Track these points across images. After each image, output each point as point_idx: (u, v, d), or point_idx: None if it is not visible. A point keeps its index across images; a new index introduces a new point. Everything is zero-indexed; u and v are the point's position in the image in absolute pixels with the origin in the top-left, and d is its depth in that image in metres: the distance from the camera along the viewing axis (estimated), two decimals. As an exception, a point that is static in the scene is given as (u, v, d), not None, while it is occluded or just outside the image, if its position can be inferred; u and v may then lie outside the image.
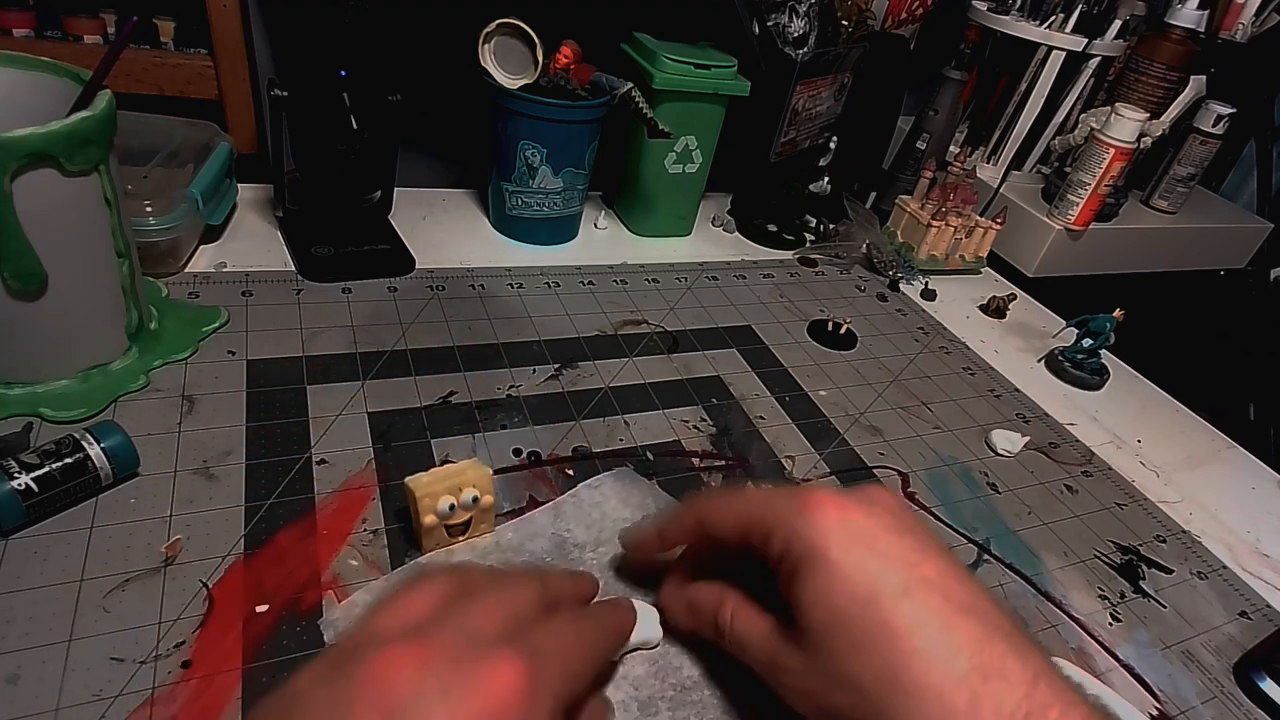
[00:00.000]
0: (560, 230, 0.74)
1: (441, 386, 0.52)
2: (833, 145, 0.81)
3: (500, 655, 0.26)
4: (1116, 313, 0.68)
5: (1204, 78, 0.90)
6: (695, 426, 0.53)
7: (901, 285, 0.79)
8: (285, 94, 0.58)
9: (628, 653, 0.36)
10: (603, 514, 0.44)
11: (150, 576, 0.36)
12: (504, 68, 0.65)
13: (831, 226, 0.83)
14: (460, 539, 0.41)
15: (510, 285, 0.65)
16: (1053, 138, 0.94)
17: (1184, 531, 0.55)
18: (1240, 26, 0.89)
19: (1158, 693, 0.42)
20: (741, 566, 0.35)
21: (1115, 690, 0.41)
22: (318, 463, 0.44)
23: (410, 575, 0.30)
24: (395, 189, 0.69)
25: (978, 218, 0.82)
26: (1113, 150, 0.82)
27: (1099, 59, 0.88)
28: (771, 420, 0.56)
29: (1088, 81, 0.90)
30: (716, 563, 0.37)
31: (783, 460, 0.52)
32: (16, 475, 0.36)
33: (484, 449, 0.48)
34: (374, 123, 0.61)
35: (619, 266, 0.72)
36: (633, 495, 0.46)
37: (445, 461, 0.45)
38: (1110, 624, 0.46)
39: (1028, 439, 0.58)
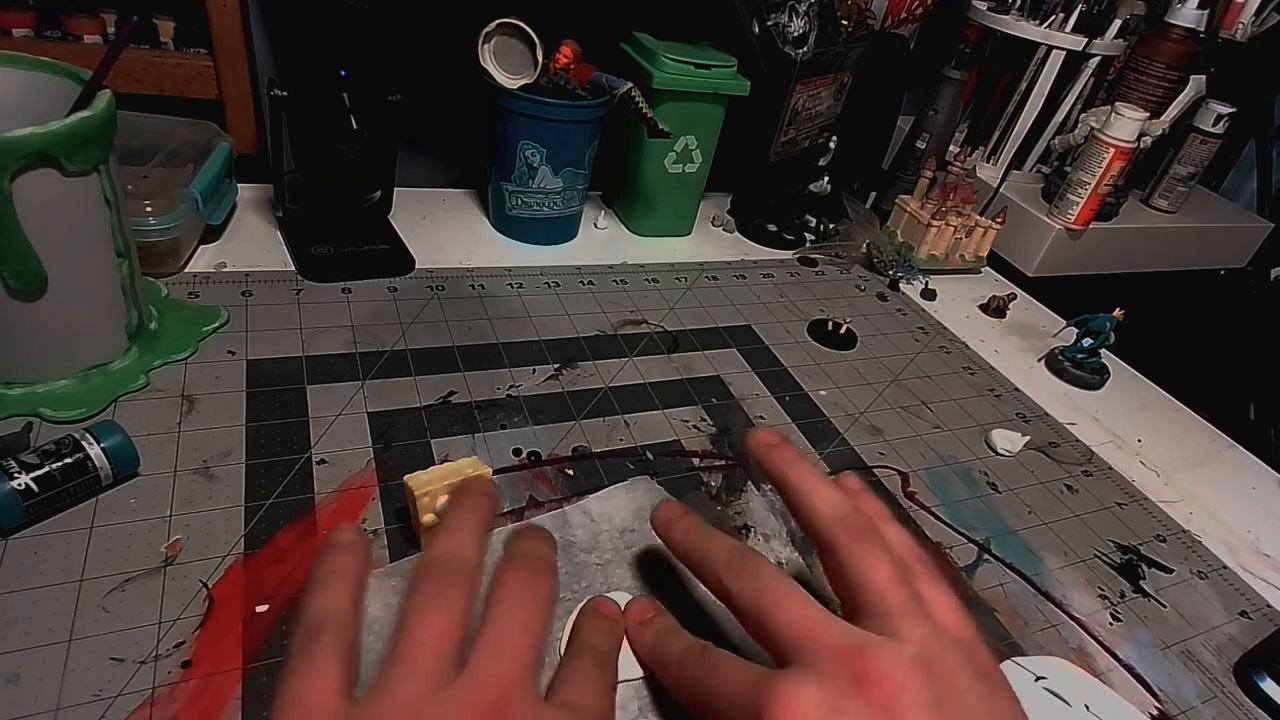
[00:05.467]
0: (560, 230, 0.74)
1: (441, 386, 0.52)
2: (833, 145, 0.81)
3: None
4: (1116, 312, 0.68)
5: (1204, 77, 0.90)
6: (695, 426, 0.53)
7: (901, 285, 0.79)
8: (285, 94, 0.58)
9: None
10: (610, 524, 0.44)
11: (150, 576, 0.36)
12: (504, 68, 0.65)
13: (831, 226, 0.83)
14: (460, 539, 0.41)
15: (510, 285, 0.65)
16: (1053, 137, 0.94)
17: (1184, 531, 0.55)
18: (1240, 26, 0.89)
19: (1158, 692, 0.42)
20: None
21: (1115, 690, 0.41)
22: (318, 463, 0.44)
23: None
24: (395, 189, 0.69)
25: (978, 217, 0.82)
26: (1113, 150, 0.82)
27: (1099, 58, 0.88)
28: (771, 420, 0.56)
29: (1088, 81, 0.90)
30: None
31: (783, 460, 0.52)
32: (16, 475, 0.36)
33: (484, 449, 0.48)
34: (374, 123, 0.61)
35: (619, 266, 0.72)
36: (645, 507, 0.45)
37: (445, 461, 0.45)
38: (1110, 624, 0.46)
39: (1028, 439, 0.58)
